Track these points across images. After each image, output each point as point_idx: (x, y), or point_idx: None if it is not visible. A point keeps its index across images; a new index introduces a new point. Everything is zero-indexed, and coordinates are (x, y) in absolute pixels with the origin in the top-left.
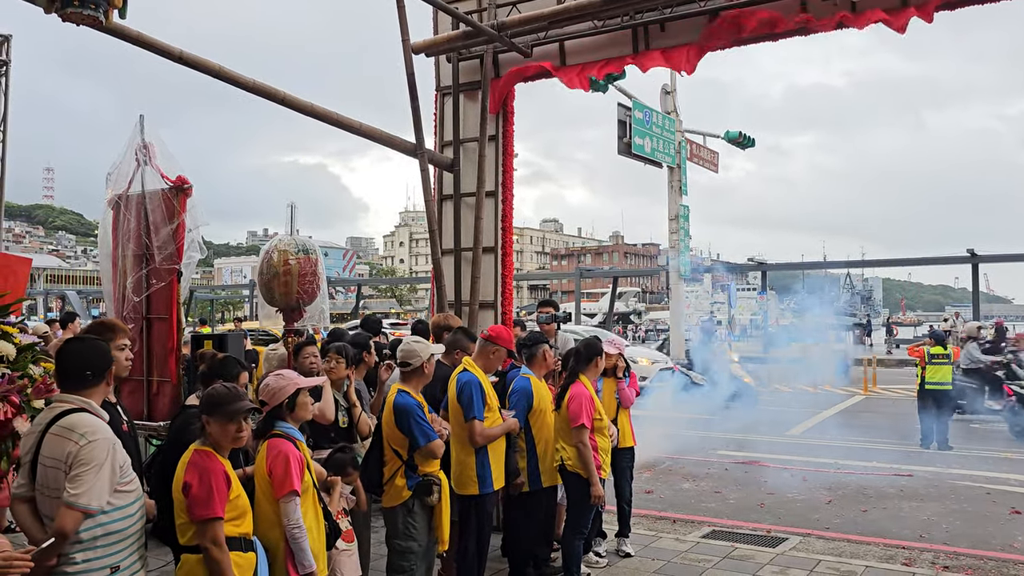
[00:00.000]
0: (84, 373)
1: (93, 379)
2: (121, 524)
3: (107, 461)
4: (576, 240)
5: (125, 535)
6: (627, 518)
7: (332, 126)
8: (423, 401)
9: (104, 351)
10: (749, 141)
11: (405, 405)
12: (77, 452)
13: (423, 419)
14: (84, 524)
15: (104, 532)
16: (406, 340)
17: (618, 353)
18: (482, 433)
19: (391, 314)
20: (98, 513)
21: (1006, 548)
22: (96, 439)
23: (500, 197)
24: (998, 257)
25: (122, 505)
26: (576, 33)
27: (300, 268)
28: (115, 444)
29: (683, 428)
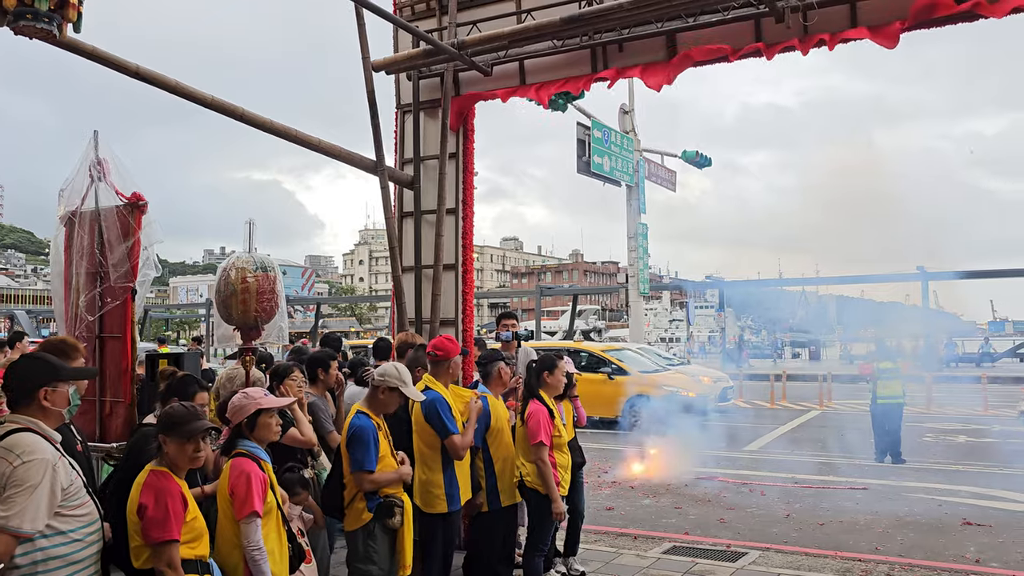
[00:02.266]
0: (35, 392)
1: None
2: (66, 549)
3: (43, 482)
4: (536, 258)
5: (71, 560)
6: (578, 536)
7: (291, 143)
8: (381, 423)
9: (55, 369)
10: (706, 160)
11: (356, 428)
12: (11, 473)
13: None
14: (21, 548)
15: (45, 557)
16: (389, 364)
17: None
18: (463, 445)
19: (351, 332)
20: (36, 537)
21: (958, 559)
22: (32, 459)
23: (461, 214)
24: (947, 275)
25: (67, 530)
26: (536, 52)
27: (258, 286)
28: (55, 465)
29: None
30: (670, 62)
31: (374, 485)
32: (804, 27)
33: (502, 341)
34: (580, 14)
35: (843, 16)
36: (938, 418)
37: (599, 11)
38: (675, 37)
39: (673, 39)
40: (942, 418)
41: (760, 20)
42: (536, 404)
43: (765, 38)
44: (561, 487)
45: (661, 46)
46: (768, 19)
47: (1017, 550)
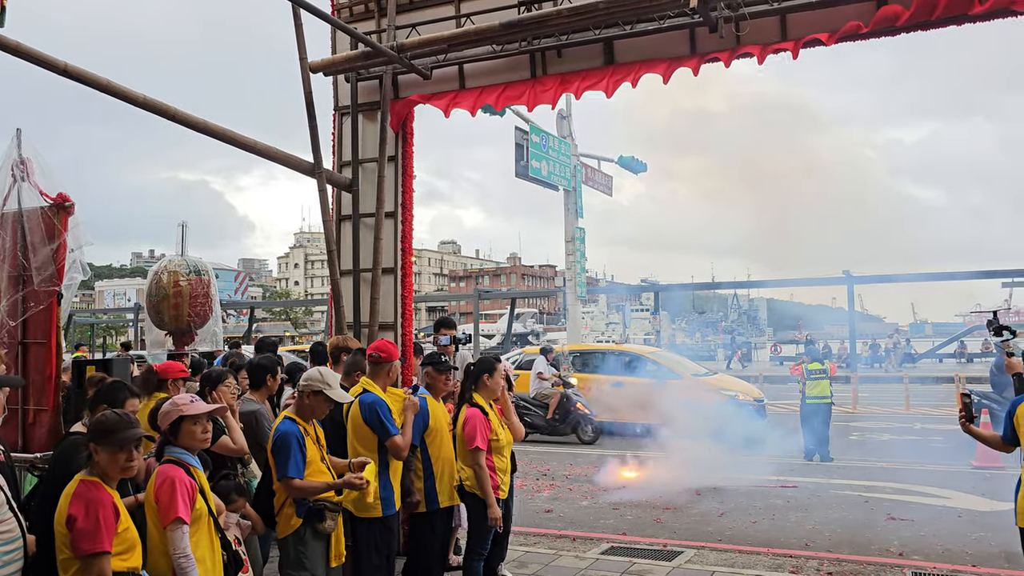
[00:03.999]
0: None
1: None
2: None
3: None
4: (474, 261)
5: None
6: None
7: (226, 144)
8: (311, 429)
9: None
10: (641, 166)
11: (280, 435)
12: None
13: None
14: None
15: None
16: (314, 368)
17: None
18: (404, 444)
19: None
20: None
21: (883, 553)
22: None
23: (400, 218)
24: (871, 279)
25: None
26: (475, 57)
27: (192, 290)
28: None
29: (579, 447)
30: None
31: (301, 493)
32: (736, 37)
33: (440, 347)
34: (519, 20)
35: (774, 29)
36: (863, 417)
37: (537, 17)
38: (612, 44)
39: (611, 46)
40: (867, 417)
41: (694, 30)
42: (471, 409)
43: (699, 48)
44: (500, 490)
45: (599, 53)
46: (702, 29)
47: (937, 543)
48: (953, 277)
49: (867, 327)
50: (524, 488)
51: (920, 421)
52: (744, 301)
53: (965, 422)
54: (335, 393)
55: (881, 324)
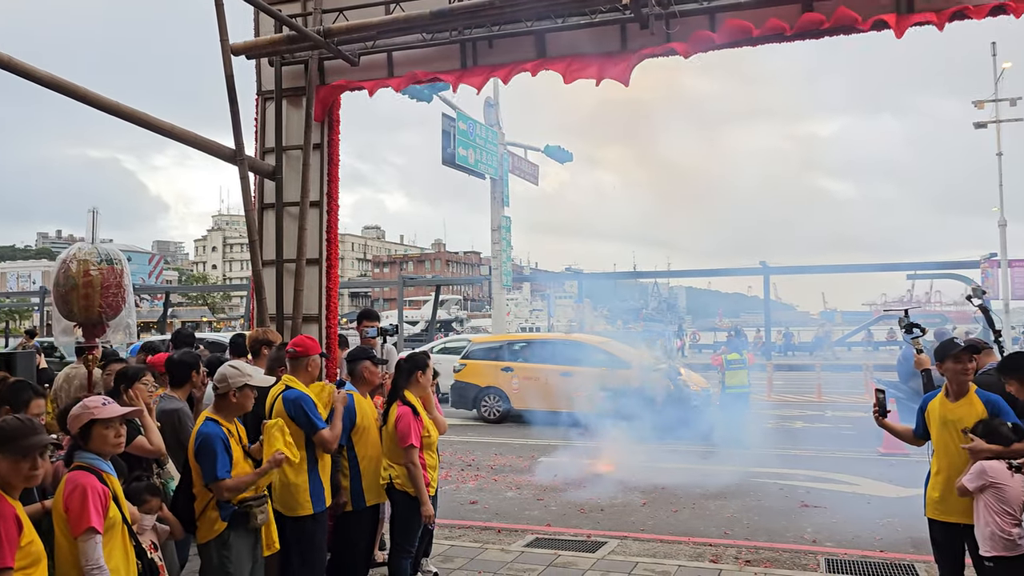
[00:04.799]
0: None
1: None
2: None
3: None
4: (398, 247)
5: None
6: (432, 535)
7: (143, 128)
8: (235, 428)
9: None
10: (567, 155)
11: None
12: None
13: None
14: None
15: None
16: (226, 363)
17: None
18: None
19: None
20: None
21: (798, 540)
22: None
23: (325, 207)
24: (786, 269)
25: None
26: (405, 44)
27: (103, 280)
28: None
29: (505, 435)
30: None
31: (232, 493)
32: (667, 35)
33: (365, 338)
34: (450, 9)
35: (704, 26)
36: (778, 404)
37: (469, 7)
38: (544, 37)
39: (543, 39)
40: (781, 404)
41: (626, 25)
42: (403, 407)
43: (629, 44)
44: (430, 487)
45: (531, 45)
46: (633, 25)
47: (848, 529)
48: (862, 269)
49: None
50: (449, 479)
51: (831, 409)
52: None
53: (879, 416)
54: (259, 380)
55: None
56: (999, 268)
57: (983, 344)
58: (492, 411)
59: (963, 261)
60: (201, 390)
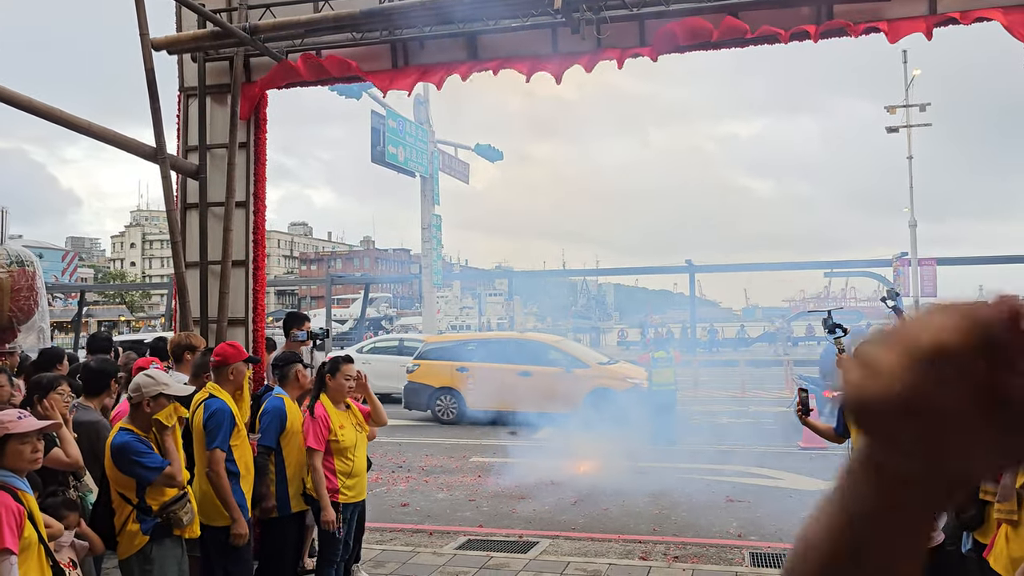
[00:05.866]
0: None
1: None
2: None
3: None
4: (326, 244)
5: None
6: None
7: (57, 125)
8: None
9: None
10: (498, 154)
11: (122, 444)
12: None
13: (143, 452)
14: None
15: None
16: (143, 371)
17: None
18: (220, 464)
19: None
20: None
21: (724, 535)
22: None
23: (252, 208)
24: (711, 267)
25: None
26: (334, 43)
27: (13, 282)
28: None
29: (433, 437)
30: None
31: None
32: (597, 40)
33: (295, 342)
34: (380, 8)
35: (633, 33)
36: (704, 401)
37: (400, 7)
38: (476, 39)
39: (474, 41)
40: (707, 400)
41: (556, 29)
42: (318, 407)
43: (560, 47)
44: (342, 494)
45: (462, 46)
46: (564, 29)
47: (771, 523)
48: (782, 267)
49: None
50: (380, 482)
51: (754, 404)
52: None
53: (802, 415)
54: (174, 389)
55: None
56: (910, 267)
57: None
58: (447, 412)
59: (876, 260)
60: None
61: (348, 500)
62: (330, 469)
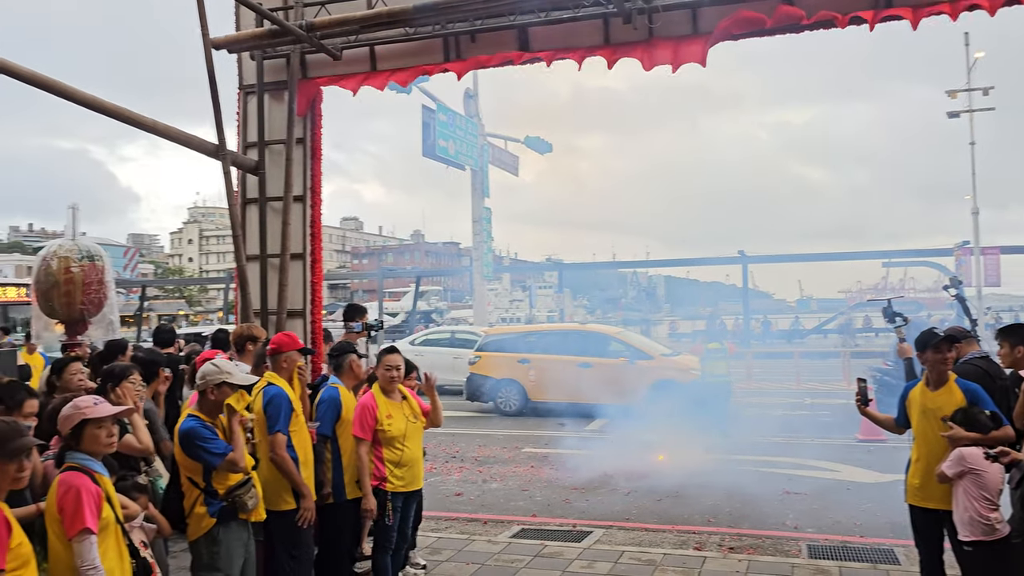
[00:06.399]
0: None
1: None
2: None
3: None
4: (377, 239)
5: None
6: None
7: (124, 124)
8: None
9: None
10: (547, 146)
11: (188, 429)
12: None
13: (208, 437)
14: None
15: None
16: (209, 361)
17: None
18: (282, 446)
19: (179, 316)
20: None
21: (780, 526)
22: None
23: (308, 202)
24: (764, 258)
25: None
26: (388, 39)
27: (84, 276)
28: None
29: (487, 428)
30: None
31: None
32: (649, 29)
33: (351, 333)
34: (433, 3)
35: (685, 21)
36: (758, 393)
37: (452, 1)
38: (527, 31)
39: (525, 33)
40: (761, 392)
41: (608, 20)
42: (365, 396)
43: (612, 38)
44: (390, 482)
45: (513, 39)
46: (616, 19)
47: (828, 515)
48: (838, 257)
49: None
50: (434, 471)
51: (810, 396)
52: (643, 278)
53: (860, 405)
54: (237, 377)
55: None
56: (972, 256)
57: (963, 333)
58: (509, 403)
59: (937, 249)
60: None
61: (398, 489)
62: (379, 458)
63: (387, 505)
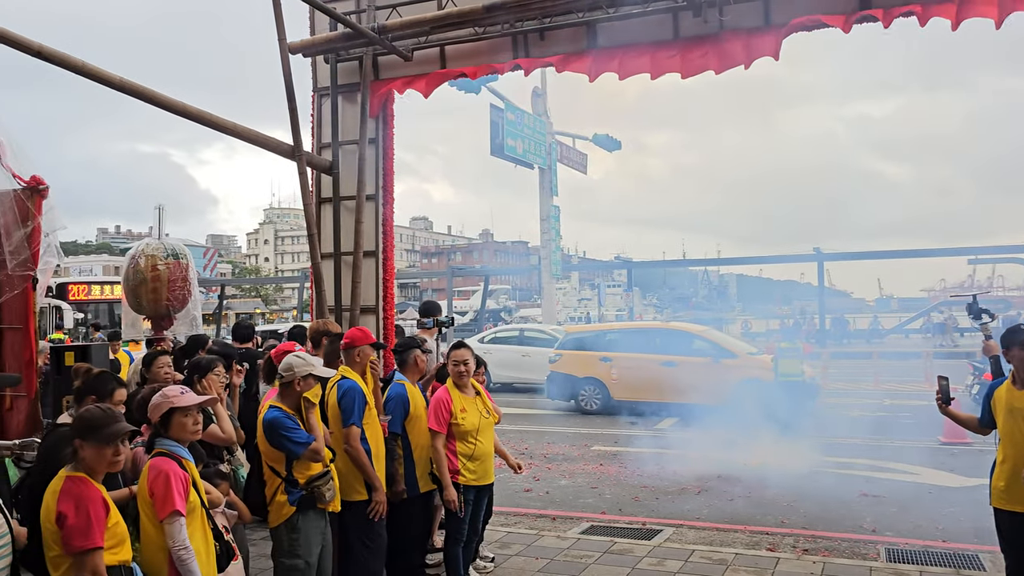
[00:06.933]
0: None
1: None
2: None
3: None
4: (446, 238)
5: None
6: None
7: (207, 127)
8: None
9: None
10: (616, 144)
11: (272, 419)
12: None
13: (291, 428)
14: None
15: None
16: (290, 354)
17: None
18: (356, 438)
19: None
20: None
21: (856, 529)
22: None
23: (381, 201)
24: (841, 255)
25: None
26: (457, 39)
27: (170, 274)
28: None
29: (555, 425)
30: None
31: (315, 455)
32: (720, 22)
33: (422, 327)
34: (503, 2)
35: (758, 13)
36: (834, 393)
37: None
38: (596, 27)
39: (594, 29)
40: (838, 393)
41: (678, 13)
42: (441, 390)
43: (681, 32)
44: (463, 475)
45: (582, 36)
46: (686, 13)
47: (908, 519)
48: (920, 254)
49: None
50: (502, 467)
51: (889, 397)
52: (714, 277)
53: (942, 404)
54: (320, 370)
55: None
56: None
57: None
58: (591, 402)
59: None
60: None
61: (469, 482)
62: (452, 451)
63: (459, 498)
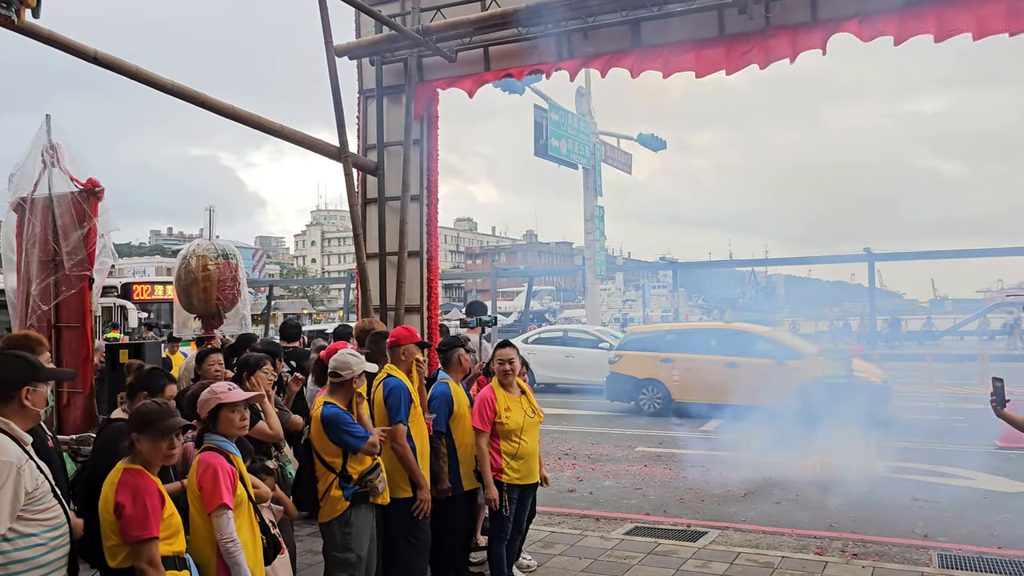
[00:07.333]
0: (15, 392)
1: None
2: (30, 553)
3: (6, 485)
4: (490, 239)
5: (36, 564)
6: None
7: (255, 129)
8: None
9: (36, 369)
10: (661, 143)
11: (332, 415)
12: None
13: (351, 423)
14: None
15: (7, 561)
16: (341, 352)
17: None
18: (403, 436)
19: (303, 315)
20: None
21: (908, 534)
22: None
23: (425, 201)
24: (892, 255)
25: (31, 533)
26: (501, 39)
27: (220, 274)
28: (20, 468)
29: (599, 426)
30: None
31: (372, 448)
32: (765, 19)
33: (467, 327)
34: (546, 2)
35: (804, 8)
36: None
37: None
38: (640, 25)
39: (638, 27)
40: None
41: (723, 11)
42: (486, 389)
43: (727, 29)
44: (506, 474)
45: (626, 35)
46: (731, 10)
47: (962, 525)
48: (976, 254)
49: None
50: (546, 467)
51: (943, 400)
52: (762, 278)
53: (996, 406)
54: (369, 365)
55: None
56: None
57: None
58: (651, 403)
59: None
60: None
61: (513, 481)
62: (496, 449)
63: (503, 496)
